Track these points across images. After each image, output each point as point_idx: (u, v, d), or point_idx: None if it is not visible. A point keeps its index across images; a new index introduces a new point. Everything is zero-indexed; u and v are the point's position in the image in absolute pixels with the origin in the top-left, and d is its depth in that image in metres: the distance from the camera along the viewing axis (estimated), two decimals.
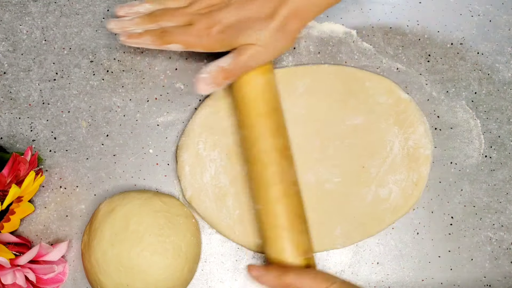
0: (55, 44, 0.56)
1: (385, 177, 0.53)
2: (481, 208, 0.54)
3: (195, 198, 0.52)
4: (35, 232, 0.53)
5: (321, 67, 0.55)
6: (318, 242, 0.52)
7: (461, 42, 0.57)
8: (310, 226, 0.50)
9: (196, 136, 0.53)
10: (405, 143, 0.54)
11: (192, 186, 0.52)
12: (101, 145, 0.54)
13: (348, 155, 0.53)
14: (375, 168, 0.53)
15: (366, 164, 0.53)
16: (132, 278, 0.48)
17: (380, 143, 0.53)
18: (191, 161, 0.52)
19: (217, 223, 0.52)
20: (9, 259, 0.46)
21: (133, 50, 0.56)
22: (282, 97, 0.52)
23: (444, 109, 0.55)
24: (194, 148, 0.53)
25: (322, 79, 0.54)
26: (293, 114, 0.53)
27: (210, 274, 0.53)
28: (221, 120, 0.53)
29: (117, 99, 0.55)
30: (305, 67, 0.55)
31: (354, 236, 0.53)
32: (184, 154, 0.52)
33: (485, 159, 0.55)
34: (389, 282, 0.53)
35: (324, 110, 0.54)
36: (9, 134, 0.54)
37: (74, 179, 0.54)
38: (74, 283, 0.52)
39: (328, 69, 0.55)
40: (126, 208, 0.49)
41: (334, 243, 0.52)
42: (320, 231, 0.52)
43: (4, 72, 0.55)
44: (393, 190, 0.53)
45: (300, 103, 0.54)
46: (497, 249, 0.54)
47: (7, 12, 0.56)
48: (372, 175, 0.53)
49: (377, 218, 0.53)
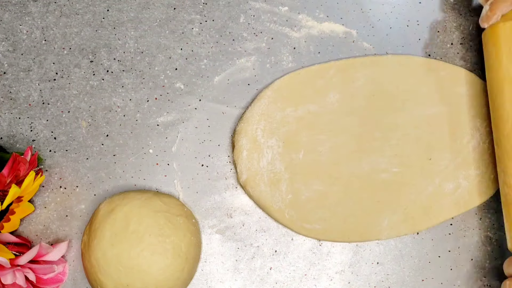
0: (55, 44, 0.56)
1: (456, 171, 0.52)
2: (481, 208, 0.54)
3: (250, 181, 0.52)
4: (35, 232, 0.53)
5: (382, 58, 0.55)
6: (364, 232, 0.52)
7: (461, 42, 0.57)
8: (358, 215, 0.51)
9: (255, 123, 0.53)
10: (487, 137, 0.52)
11: (248, 170, 0.53)
12: (101, 145, 0.54)
13: (412, 146, 0.53)
14: (445, 161, 0.52)
15: (434, 156, 0.52)
16: (132, 278, 0.48)
17: (457, 135, 0.52)
18: (249, 146, 0.53)
19: (269, 206, 0.52)
20: (9, 259, 0.46)
21: (133, 50, 0.56)
22: (339, 89, 0.52)
23: None
24: (252, 135, 0.53)
25: (384, 70, 0.54)
26: (351, 106, 0.54)
27: (210, 274, 0.53)
28: (279, 110, 0.54)
29: (117, 99, 0.55)
30: (363, 59, 0.55)
31: (401, 229, 0.52)
32: (242, 139, 0.53)
33: None
34: (389, 282, 0.53)
35: (387, 101, 0.54)
36: (9, 134, 0.54)
37: (74, 179, 0.54)
38: (74, 283, 0.52)
39: (392, 59, 0.55)
40: (126, 208, 0.49)
41: (379, 234, 0.52)
42: (368, 221, 0.52)
43: (4, 72, 0.55)
44: (461, 185, 0.52)
45: (359, 94, 0.54)
46: (497, 249, 0.54)
47: (7, 12, 0.56)
48: (440, 167, 0.52)
49: (431, 212, 0.52)
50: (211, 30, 0.56)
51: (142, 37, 0.56)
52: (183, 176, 0.54)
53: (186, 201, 0.54)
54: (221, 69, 0.56)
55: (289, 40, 0.56)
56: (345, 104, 0.53)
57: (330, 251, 0.53)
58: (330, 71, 0.54)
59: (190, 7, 0.57)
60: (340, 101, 0.54)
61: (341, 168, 0.53)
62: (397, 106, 0.54)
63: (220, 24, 0.57)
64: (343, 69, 0.54)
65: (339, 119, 0.54)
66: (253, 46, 0.56)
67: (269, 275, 0.53)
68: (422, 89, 0.53)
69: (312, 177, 0.53)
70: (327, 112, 0.54)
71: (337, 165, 0.53)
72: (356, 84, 0.54)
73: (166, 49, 0.56)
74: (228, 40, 0.56)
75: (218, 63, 0.56)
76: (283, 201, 0.53)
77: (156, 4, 0.57)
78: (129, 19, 0.56)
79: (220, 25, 0.57)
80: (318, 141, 0.53)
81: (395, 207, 0.52)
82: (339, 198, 0.53)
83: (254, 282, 0.52)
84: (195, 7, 0.57)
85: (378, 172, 0.53)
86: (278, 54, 0.56)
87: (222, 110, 0.55)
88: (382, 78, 0.54)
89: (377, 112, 0.54)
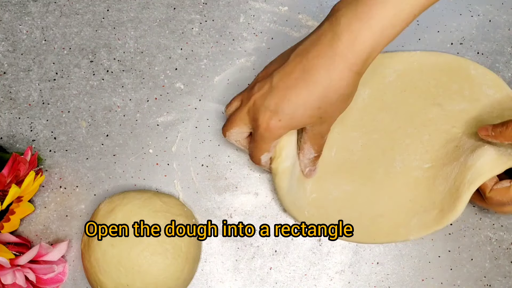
0: (55, 44, 0.56)
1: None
2: (481, 208, 0.54)
3: (285, 171, 0.51)
4: (35, 232, 0.53)
5: (411, 54, 0.55)
6: (393, 232, 0.51)
7: (461, 42, 0.57)
8: (387, 215, 0.51)
9: None
10: None
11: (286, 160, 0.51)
12: (101, 145, 0.54)
13: (443, 141, 0.53)
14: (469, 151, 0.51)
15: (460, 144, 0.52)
16: (132, 278, 0.48)
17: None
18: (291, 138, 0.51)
19: (290, 203, 0.51)
20: (9, 259, 0.46)
21: (133, 50, 0.56)
22: (370, 85, 0.53)
23: None
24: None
25: (416, 66, 0.55)
26: (382, 102, 0.54)
27: (210, 274, 0.53)
28: None
29: (117, 99, 0.55)
30: (391, 54, 0.55)
31: (430, 226, 0.51)
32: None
33: None
34: (389, 282, 0.53)
35: (419, 97, 0.54)
36: (9, 134, 0.54)
37: (74, 179, 0.54)
38: (74, 283, 0.52)
39: (421, 55, 0.55)
40: (126, 208, 0.49)
41: (408, 234, 0.52)
42: (397, 221, 0.52)
43: (4, 72, 0.55)
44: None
45: (390, 90, 0.54)
46: (497, 249, 0.54)
47: (7, 12, 0.56)
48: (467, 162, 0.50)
49: (462, 201, 0.50)
50: (211, 30, 0.56)
51: (142, 37, 0.56)
52: (183, 176, 0.54)
53: (186, 201, 0.54)
54: (221, 69, 0.56)
55: (289, 40, 0.56)
56: (377, 100, 0.54)
57: (330, 251, 0.53)
58: None
59: (190, 7, 0.57)
60: (372, 97, 0.54)
61: (374, 167, 0.53)
62: (428, 102, 0.54)
63: (220, 24, 0.57)
64: (373, 64, 0.54)
65: (371, 115, 0.54)
66: (253, 46, 0.56)
67: (269, 275, 0.53)
68: (453, 86, 0.54)
69: (344, 177, 0.52)
70: (359, 108, 0.54)
71: (370, 164, 0.53)
72: (387, 80, 0.54)
73: (166, 49, 0.56)
74: (228, 40, 0.56)
75: (218, 63, 0.56)
76: (306, 199, 0.52)
77: (156, 4, 0.57)
78: (129, 19, 0.56)
79: (220, 25, 0.57)
80: (350, 139, 0.53)
81: (425, 203, 0.51)
82: (368, 198, 0.52)
83: (254, 282, 0.52)
84: (195, 7, 0.57)
85: (410, 170, 0.53)
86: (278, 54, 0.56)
87: (222, 110, 0.55)
88: (412, 74, 0.54)
89: (409, 108, 0.54)
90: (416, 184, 0.52)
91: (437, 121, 0.53)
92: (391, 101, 0.54)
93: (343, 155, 0.53)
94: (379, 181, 0.53)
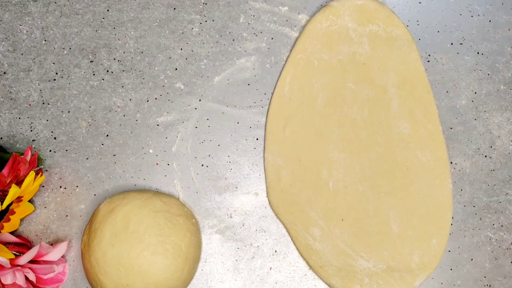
0: (55, 44, 0.56)
1: None
2: (481, 208, 0.54)
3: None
4: (35, 232, 0.53)
5: None
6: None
7: (461, 42, 0.57)
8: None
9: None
10: None
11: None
12: (101, 145, 0.54)
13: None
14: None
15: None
16: (132, 278, 0.48)
17: None
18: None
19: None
20: (9, 259, 0.46)
21: (133, 50, 0.56)
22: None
23: (444, 109, 0.56)
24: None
25: None
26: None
27: (210, 274, 0.53)
28: None
29: (117, 99, 0.55)
30: None
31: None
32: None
33: (485, 159, 0.55)
34: None
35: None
36: (9, 134, 0.54)
37: (74, 179, 0.54)
38: (74, 283, 0.52)
39: None
40: (126, 208, 0.49)
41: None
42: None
43: (4, 72, 0.55)
44: None
45: None
46: (497, 249, 0.54)
47: (7, 12, 0.56)
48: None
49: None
50: (211, 30, 0.57)
51: (142, 37, 0.56)
52: (183, 176, 0.54)
53: (186, 201, 0.54)
54: (221, 69, 0.56)
55: (289, 40, 0.56)
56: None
57: None
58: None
59: (190, 7, 0.57)
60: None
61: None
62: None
63: (220, 24, 0.57)
64: None
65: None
66: (253, 46, 0.56)
67: (269, 275, 0.53)
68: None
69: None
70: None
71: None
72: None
73: (166, 49, 0.56)
74: (228, 40, 0.56)
75: (218, 63, 0.56)
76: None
77: (156, 4, 0.57)
78: (129, 19, 0.56)
79: (220, 25, 0.57)
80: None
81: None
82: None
83: (254, 282, 0.52)
84: (195, 7, 0.57)
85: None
86: (278, 54, 0.56)
87: (222, 110, 0.55)
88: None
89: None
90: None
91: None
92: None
93: None
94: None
